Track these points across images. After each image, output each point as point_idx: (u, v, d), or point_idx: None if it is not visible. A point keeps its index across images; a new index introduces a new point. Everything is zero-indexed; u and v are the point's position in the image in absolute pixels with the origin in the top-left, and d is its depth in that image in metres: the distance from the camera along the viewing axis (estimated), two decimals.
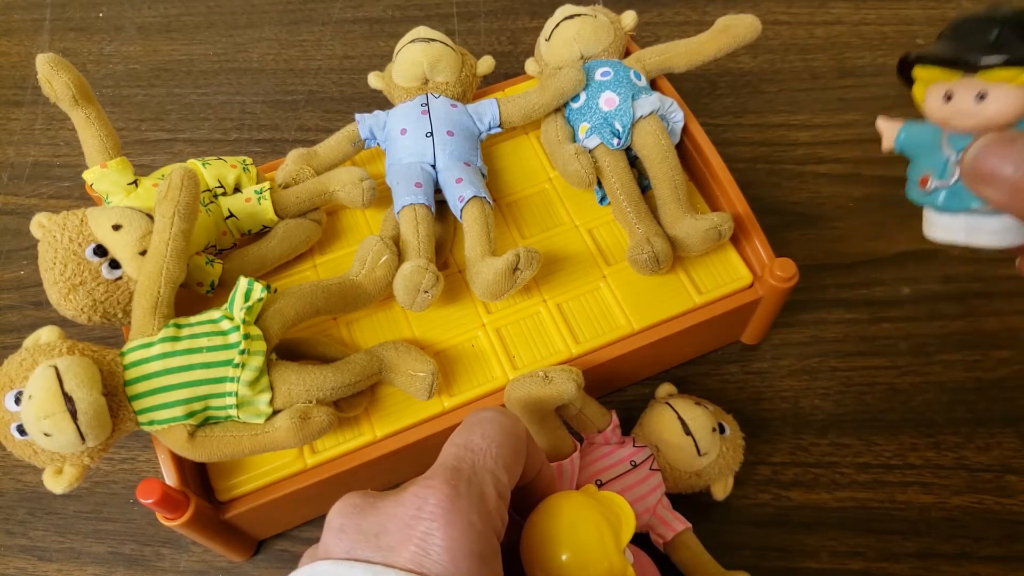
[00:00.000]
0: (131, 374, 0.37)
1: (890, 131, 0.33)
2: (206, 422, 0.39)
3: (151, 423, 0.37)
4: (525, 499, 0.32)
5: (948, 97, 0.29)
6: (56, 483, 0.37)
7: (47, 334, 0.37)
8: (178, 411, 0.37)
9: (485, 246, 0.44)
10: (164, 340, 0.37)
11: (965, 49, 0.28)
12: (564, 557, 0.30)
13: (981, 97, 0.28)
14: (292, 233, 0.46)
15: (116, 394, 0.36)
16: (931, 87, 0.29)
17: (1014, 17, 0.27)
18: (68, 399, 0.34)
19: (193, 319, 0.39)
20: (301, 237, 0.46)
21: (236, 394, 0.38)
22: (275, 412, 0.39)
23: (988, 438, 0.47)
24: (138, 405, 0.37)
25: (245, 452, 0.39)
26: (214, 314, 0.39)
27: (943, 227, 0.31)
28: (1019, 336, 0.50)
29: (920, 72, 0.30)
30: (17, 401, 0.35)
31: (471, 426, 0.29)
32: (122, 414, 0.37)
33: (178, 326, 0.38)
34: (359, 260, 0.44)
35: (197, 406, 0.37)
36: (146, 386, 0.37)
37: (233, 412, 0.38)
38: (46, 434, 0.34)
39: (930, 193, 0.31)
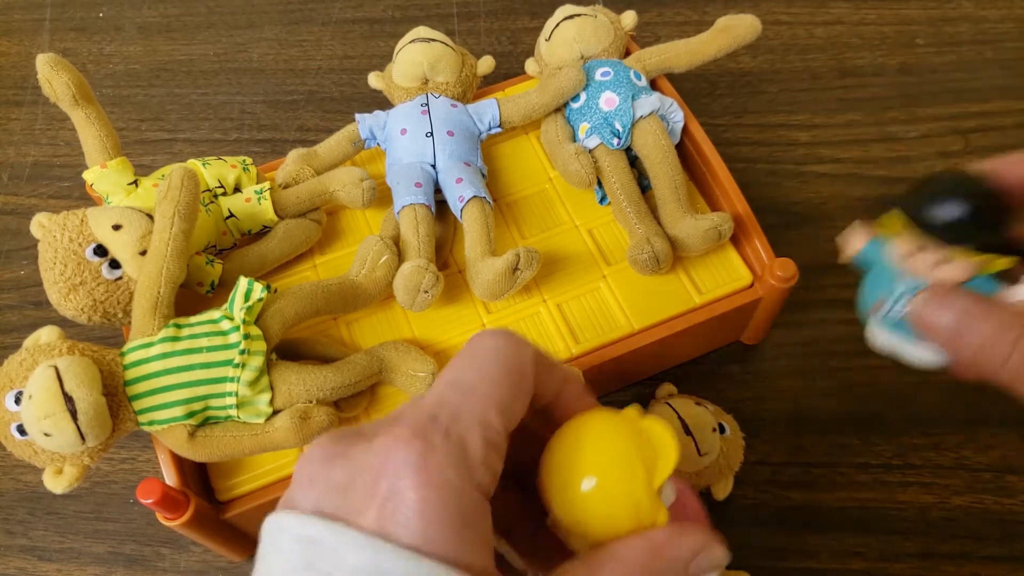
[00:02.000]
0: (131, 374, 0.37)
1: (859, 240, 0.34)
2: (206, 422, 0.39)
3: (151, 423, 0.37)
4: (547, 422, 0.28)
5: (914, 252, 0.31)
6: (56, 483, 0.37)
7: (47, 334, 0.37)
8: (178, 411, 0.37)
9: (485, 246, 0.44)
10: (164, 340, 0.37)
11: (938, 226, 0.30)
12: (585, 486, 0.25)
13: (941, 262, 0.31)
14: (292, 233, 0.46)
15: (116, 394, 0.36)
16: (902, 237, 0.32)
17: (984, 198, 0.30)
18: (68, 399, 0.34)
19: (193, 319, 0.39)
20: (301, 237, 0.46)
21: (236, 394, 0.38)
22: (275, 412, 0.39)
23: (988, 438, 0.47)
24: (138, 405, 0.37)
25: (245, 452, 0.39)
26: (214, 314, 0.39)
27: (884, 341, 0.33)
28: None
29: (894, 216, 0.32)
30: (17, 401, 0.35)
31: (465, 358, 0.25)
32: (122, 414, 0.37)
33: (178, 326, 0.38)
34: (359, 260, 0.44)
35: (197, 406, 0.37)
36: (146, 386, 0.37)
37: (233, 412, 0.38)
38: (46, 434, 0.34)
39: (882, 318, 0.33)
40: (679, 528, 0.25)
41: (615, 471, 0.25)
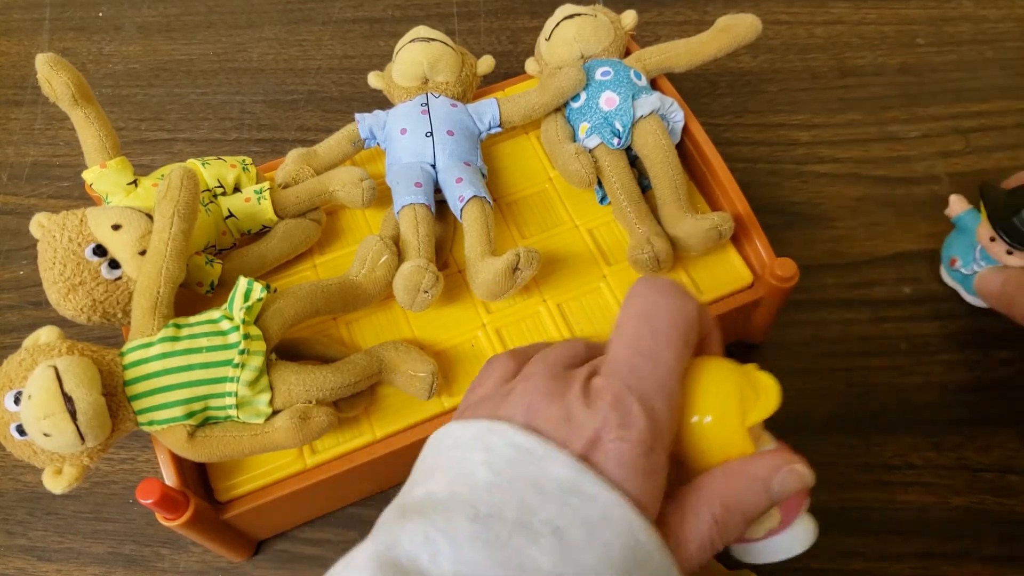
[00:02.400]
0: (130, 374, 0.37)
1: (958, 207, 0.49)
2: (206, 422, 0.38)
3: (151, 423, 0.37)
4: None
5: (992, 238, 0.46)
6: (55, 483, 0.37)
7: (46, 334, 0.37)
8: (177, 411, 0.37)
9: (485, 246, 0.44)
10: (163, 340, 0.37)
11: (1004, 231, 0.44)
12: (690, 420, 0.29)
13: (1008, 252, 0.45)
14: (292, 233, 0.46)
15: (115, 394, 0.36)
16: (985, 226, 0.46)
17: None
18: (67, 399, 0.33)
19: (192, 319, 0.39)
20: (301, 237, 0.46)
21: (236, 394, 0.37)
22: (275, 412, 0.39)
23: (989, 438, 0.47)
24: (137, 405, 0.37)
25: (245, 452, 0.39)
26: (214, 314, 0.39)
27: (949, 282, 0.52)
28: (1019, 336, 0.50)
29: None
30: (17, 401, 0.35)
31: (643, 319, 0.28)
32: (121, 414, 0.37)
33: (177, 326, 0.38)
34: (359, 260, 0.44)
35: (197, 406, 0.37)
36: (145, 386, 0.37)
37: (233, 412, 0.38)
38: (45, 434, 0.34)
39: (954, 271, 0.50)
40: (755, 455, 0.28)
41: (714, 409, 0.29)
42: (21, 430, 0.35)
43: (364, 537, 0.25)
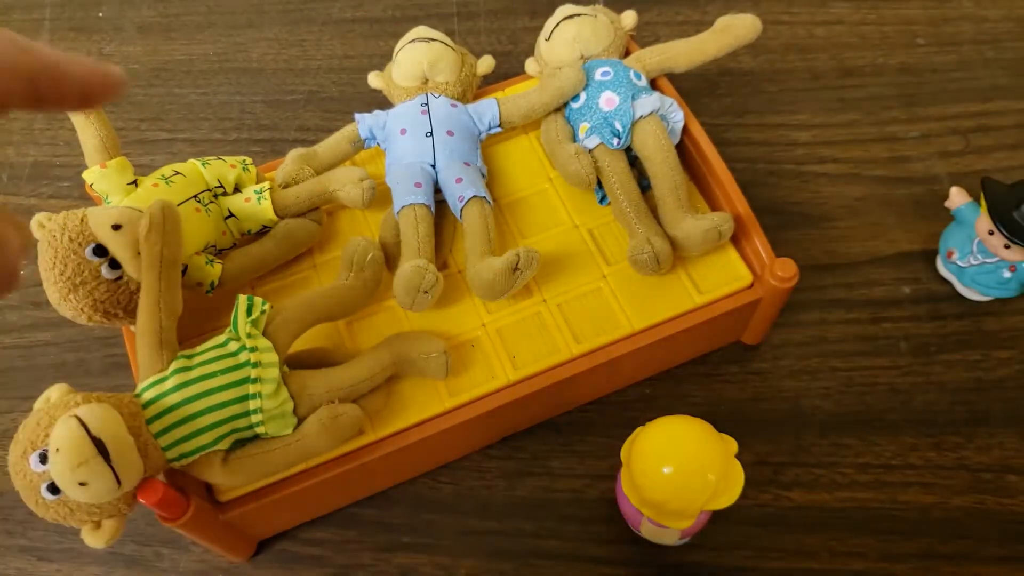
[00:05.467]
0: (150, 411, 0.36)
1: (959, 199, 0.50)
2: (235, 445, 0.38)
3: (180, 456, 0.37)
4: None
5: (991, 231, 0.47)
6: (96, 538, 0.36)
7: (56, 392, 0.36)
8: (205, 439, 0.37)
9: (485, 246, 0.44)
10: (176, 372, 0.37)
11: (1005, 223, 0.45)
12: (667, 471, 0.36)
13: (1006, 247, 0.47)
14: (292, 233, 0.46)
15: (141, 434, 0.35)
16: (984, 219, 0.47)
17: None
18: (97, 443, 0.33)
19: (199, 348, 0.38)
20: (301, 237, 0.46)
21: (261, 409, 0.37)
22: (300, 421, 0.39)
23: (989, 438, 0.47)
24: (164, 441, 0.36)
25: (281, 466, 0.39)
26: (220, 339, 0.38)
27: (945, 275, 0.52)
28: (1019, 336, 0.50)
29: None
30: (43, 460, 0.34)
31: None
32: (150, 452, 0.36)
33: (187, 357, 0.38)
34: (345, 264, 0.43)
35: (223, 430, 0.37)
36: (168, 420, 0.36)
37: (260, 429, 0.38)
38: (81, 483, 0.33)
39: (950, 264, 0.51)
40: None
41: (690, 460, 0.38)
42: (53, 488, 0.34)
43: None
